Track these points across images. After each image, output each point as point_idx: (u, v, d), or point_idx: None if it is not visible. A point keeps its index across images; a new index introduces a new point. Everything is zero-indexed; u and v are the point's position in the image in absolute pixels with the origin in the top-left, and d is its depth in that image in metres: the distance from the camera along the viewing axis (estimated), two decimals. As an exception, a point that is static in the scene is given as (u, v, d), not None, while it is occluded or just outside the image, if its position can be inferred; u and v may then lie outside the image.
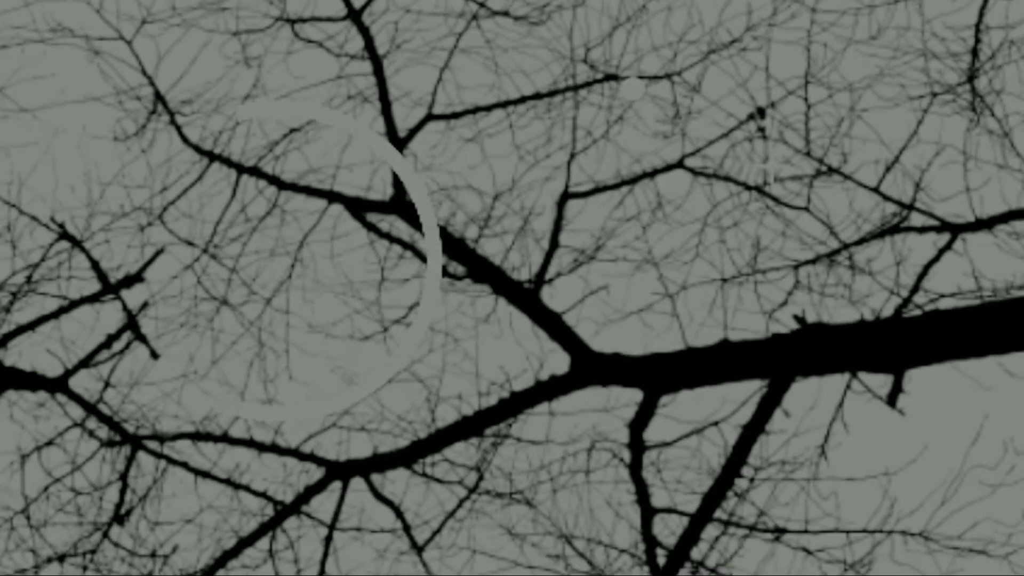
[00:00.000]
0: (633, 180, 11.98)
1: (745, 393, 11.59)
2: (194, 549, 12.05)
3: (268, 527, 11.91)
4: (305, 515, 11.96)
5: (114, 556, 12.12)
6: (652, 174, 11.96)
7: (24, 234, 12.34)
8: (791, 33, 11.89)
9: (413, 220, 11.93)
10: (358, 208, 12.03)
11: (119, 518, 12.08)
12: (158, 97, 12.29)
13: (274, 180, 12.20)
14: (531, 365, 11.75)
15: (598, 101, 12.08)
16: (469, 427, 11.74)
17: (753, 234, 11.88)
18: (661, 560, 11.64)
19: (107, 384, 12.19)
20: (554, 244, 11.93)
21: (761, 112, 11.85)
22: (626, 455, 11.70)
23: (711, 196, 11.95)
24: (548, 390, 11.66)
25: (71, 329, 12.32)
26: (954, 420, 11.54)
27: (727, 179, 11.92)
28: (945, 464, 11.43)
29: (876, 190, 11.69)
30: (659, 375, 11.50)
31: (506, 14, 12.20)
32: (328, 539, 11.91)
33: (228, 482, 12.02)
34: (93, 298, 12.30)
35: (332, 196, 12.09)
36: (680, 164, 11.96)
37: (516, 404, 11.68)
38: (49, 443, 12.17)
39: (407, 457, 11.83)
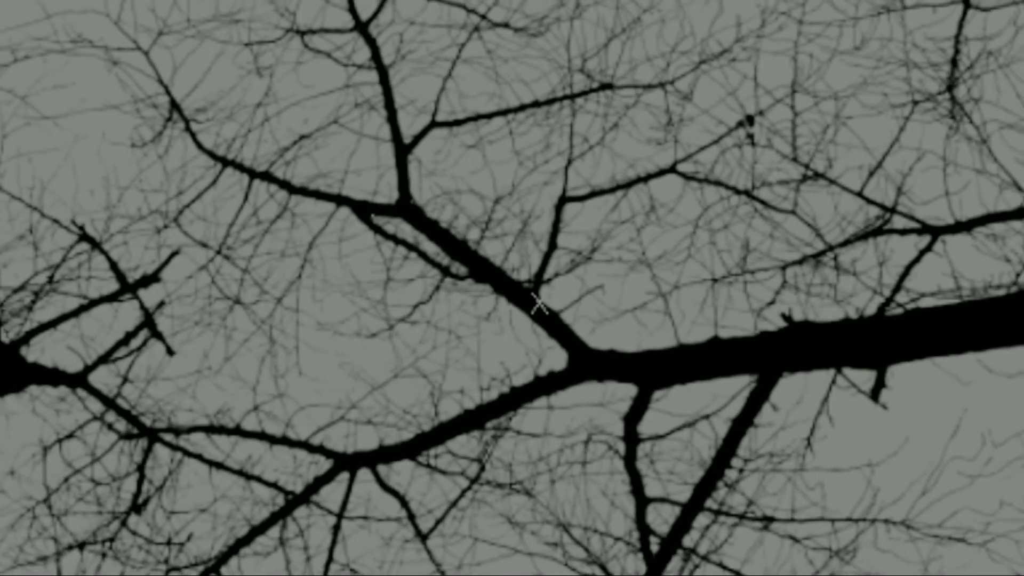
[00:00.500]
0: (628, 184, 11.84)
1: (735, 388, 11.51)
2: (208, 537, 11.92)
3: (279, 516, 11.80)
4: (314, 504, 11.83)
5: (132, 544, 11.98)
6: (646, 179, 11.84)
7: (46, 236, 12.20)
8: (779, 44, 11.81)
9: (417, 223, 11.80)
10: (365, 211, 11.92)
11: (137, 507, 11.97)
12: (174, 105, 12.16)
13: (285, 184, 12.07)
14: (530, 361, 11.66)
15: (594, 109, 11.96)
16: (471, 420, 11.64)
17: (742, 236, 11.76)
18: (655, 547, 11.54)
19: (125, 379, 12.05)
20: (552, 246, 11.80)
21: (750, 119, 11.73)
22: (621, 447, 11.62)
23: (702, 200, 11.83)
24: (546, 385, 11.57)
25: (90, 327, 12.19)
26: (934, 414, 11.46)
27: (718, 183, 11.78)
28: (926, 456, 11.35)
29: (860, 194, 11.59)
30: (653, 371, 11.41)
31: (506, 26, 12.06)
32: (336, 527, 11.79)
33: (241, 473, 11.90)
34: (111, 297, 12.17)
35: (340, 200, 11.97)
36: (672, 169, 11.84)
37: (516, 398, 11.59)
38: (70, 436, 12.05)
39: (412, 449, 11.71)
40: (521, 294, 11.69)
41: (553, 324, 11.62)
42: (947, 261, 11.47)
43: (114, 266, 12.15)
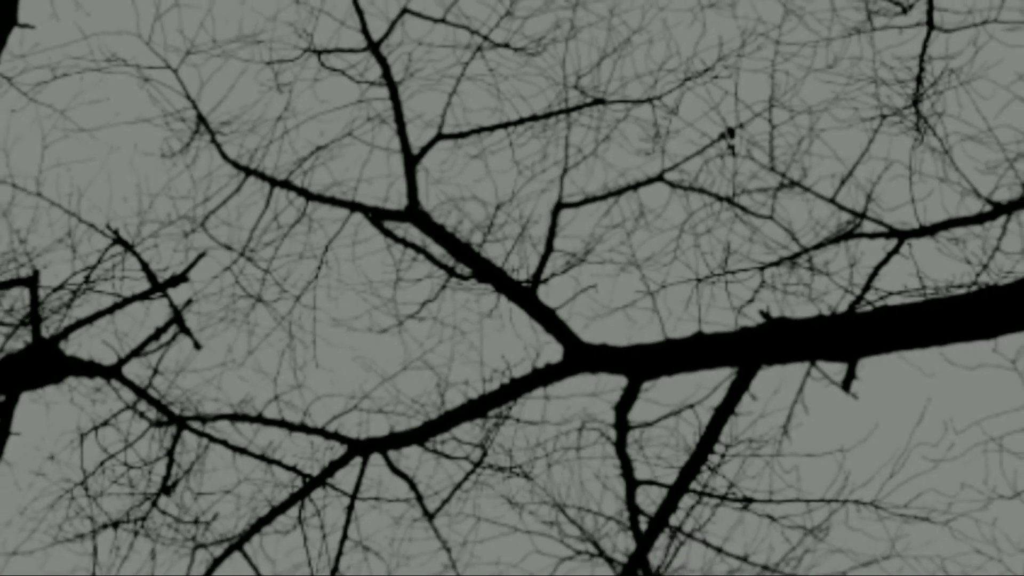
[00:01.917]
0: (618, 192, 11.98)
1: (717, 379, 11.64)
2: (232, 516, 12.08)
3: (297, 497, 11.94)
4: (330, 487, 11.97)
5: (162, 523, 12.13)
6: (635, 187, 11.98)
7: (83, 239, 12.36)
8: (757, 62, 12.05)
9: (425, 227, 11.96)
10: (377, 217, 12.06)
11: (166, 489, 12.12)
12: (200, 119, 12.35)
13: (303, 192, 12.22)
14: (529, 355, 11.80)
15: (588, 123, 12.13)
16: (474, 409, 11.77)
17: (724, 239, 11.91)
18: (643, 526, 11.67)
19: (156, 371, 12.19)
20: (549, 248, 11.96)
21: (731, 132, 11.89)
22: (612, 434, 11.76)
23: (687, 206, 11.99)
24: (543, 377, 11.72)
25: (124, 323, 12.34)
26: (901, 403, 11.57)
27: (701, 191, 11.92)
28: (893, 441, 11.47)
29: (832, 201, 11.76)
30: (641, 363, 11.57)
31: (507, 46, 12.27)
32: (350, 508, 11.94)
33: (262, 458, 12.02)
34: (143, 296, 12.32)
35: (354, 206, 12.12)
36: (660, 178, 12.02)
37: (515, 389, 11.73)
38: (104, 423, 12.18)
39: (420, 435, 11.83)
40: (520, 293, 11.86)
41: (550, 320, 11.80)
42: (912, 263, 11.64)
43: (145, 267, 12.31)
